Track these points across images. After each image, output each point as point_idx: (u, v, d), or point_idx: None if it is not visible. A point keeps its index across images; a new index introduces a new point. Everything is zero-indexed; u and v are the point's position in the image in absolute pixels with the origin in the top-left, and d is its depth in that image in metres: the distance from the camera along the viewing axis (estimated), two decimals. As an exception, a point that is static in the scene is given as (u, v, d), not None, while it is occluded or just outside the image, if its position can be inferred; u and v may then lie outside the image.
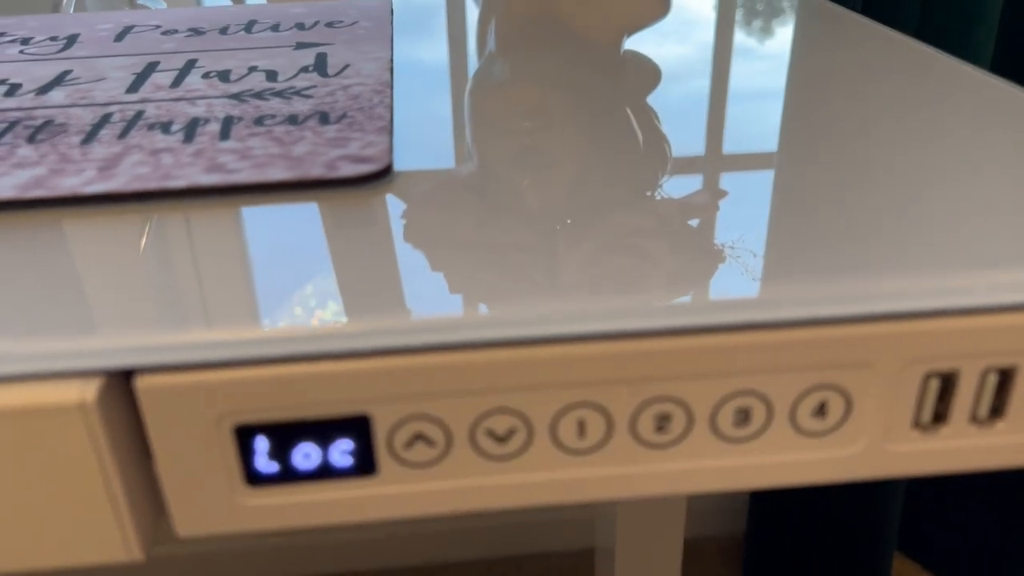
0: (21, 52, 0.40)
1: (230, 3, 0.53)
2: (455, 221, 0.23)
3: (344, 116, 0.31)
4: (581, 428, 0.22)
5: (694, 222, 0.24)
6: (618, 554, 0.83)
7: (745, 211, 0.25)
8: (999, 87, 0.33)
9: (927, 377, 0.22)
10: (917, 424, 0.23)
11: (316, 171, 0.26)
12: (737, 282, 0.21)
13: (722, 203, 0.26)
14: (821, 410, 0.22)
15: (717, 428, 0.22)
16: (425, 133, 0.31)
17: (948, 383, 0.22)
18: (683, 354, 0.21)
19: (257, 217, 0.25)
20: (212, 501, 0.21)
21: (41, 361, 0.19)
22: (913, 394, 0.22)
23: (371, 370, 0.20)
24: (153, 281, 0.22)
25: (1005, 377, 0.22)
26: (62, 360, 0.19)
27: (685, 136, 0.31)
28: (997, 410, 0.23)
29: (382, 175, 0.27)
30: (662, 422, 0.22)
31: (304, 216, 0.25)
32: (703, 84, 0.36)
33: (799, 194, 0.26)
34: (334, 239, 0.24)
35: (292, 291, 0.21)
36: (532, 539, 1.11)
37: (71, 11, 0.54)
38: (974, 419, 0.23)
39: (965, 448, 0.23)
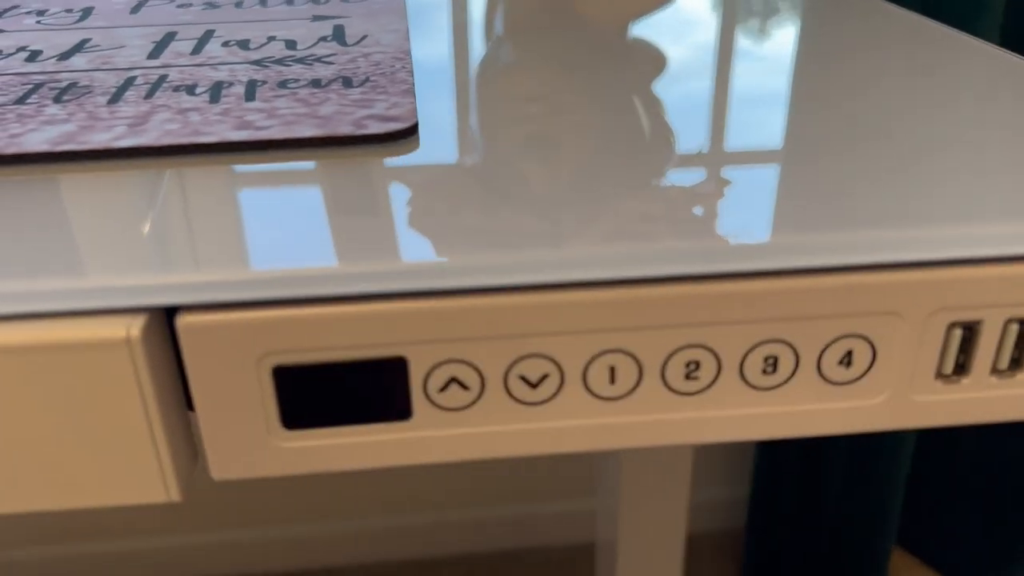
0: (38, 22, 0.40)
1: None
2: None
3: (367, 80, 0.31)
4: (612, 374, 0.22)
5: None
6: (619, 548, 0.83)
7: (764, 172, 0.25)
8: (1010, 59, 0.34)
9: (951, 327, 0.22)
10: (940, 375, 0.23)
11: (344, 128, 0.27)
12: (764, 230, 0.22)
13: (741, 164, 0.26)
14: (847, 359, 0.23)
15: (745, 376, 0.22)
16: (444, 100, 0.32)
17: (971, 334, 0.23)
18: (712, 300, 0.21)
19: (291, 170, 0.25)
20: (249, 443, 0.22)
21: (88, 298, 0.19)
22: (937, 344, 0.23)
23: (409, 312, 0.21)
24: (193, 227, 0.22)
25: (1026, 328, 0.23)
26: (108, 297, 0.19)
27: (693, 115, 0.31)
28: (1017, 361, 0.23)
29: (409, 133, 0.27)
30: (692, 369, 0.22)
31: (336, 170, 0.25)
32: (703, 70, 0.37)
33: (820, 150, 0.26)
34: (368, 191, 0.24)
35: (331, 236, 0.22)
36: (533, 533, 1.11)
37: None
38: (995, 370, 0.23)
39: (986, 399, 0.24)
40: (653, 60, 0.38)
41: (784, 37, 0.40)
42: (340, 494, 1.05)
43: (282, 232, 0.22)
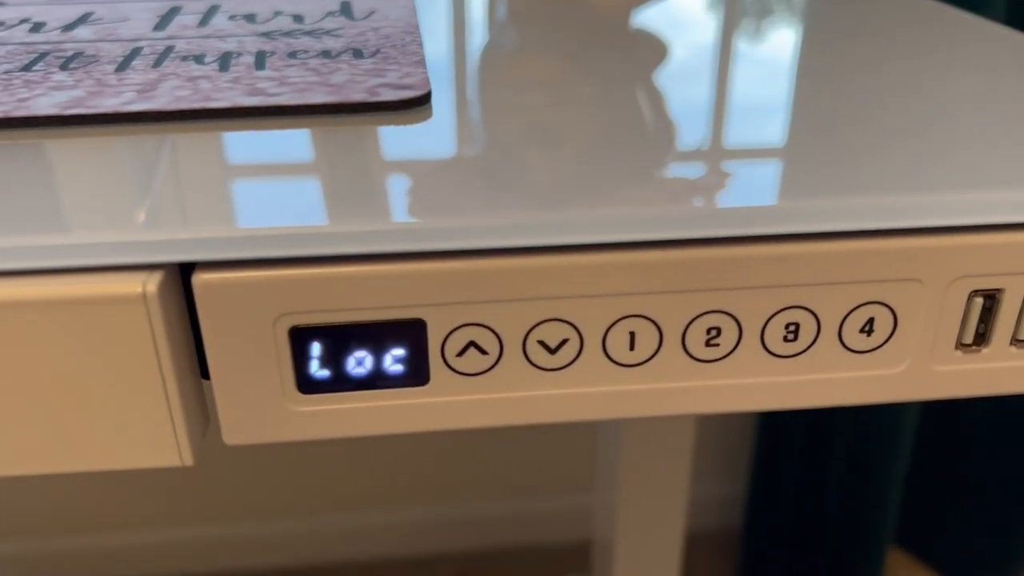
0: (40, -4, 0.40)
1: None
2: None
3: (378, 52, 0.31)
4: (632, 340, 0.22)
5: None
6: (617, 546, 0.82)
7: (782, 142, 0.25)
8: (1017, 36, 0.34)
9: (972, 295, 0.22)
10: (960, 344, 0.23)
11: (358, 95, 0.26)
12: (784, 195, 0.22)
13: (757, 138, 0.26)
14: (868, 327, 0.22)
15: (766, 343, 0.22)
16: (451, 76, 0.31)
17: (992, 303, 0.23)
18: (733, 263, 0.21)
19: (303, 135, 0.25)
20: (263, 407, 0.21)
21: (104, 253, 0.19)
22: (958, 313, 0.22)
23: (428, 273, 0.20)
24: (209, 188, 0.22)
25: (1047, 298, 0.23)
26: (124, 252, 0.19)
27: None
28: (1038, 332, 0.23)
29: (422, 101, 0.27)
30: (712, 336, 0.22)
31: (352, 134, 0.25)
32: (707, 55, 0.37)
33: (836, 121, 0.26)
34: (386, 155, 0.24)
35: (350, 197, 0.21)
36: (528, 530, 1.11)
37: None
38: (1015, 340, 0.23)
39: (1005, 370, 0.23)
40: (655, 46, 0.38)
41: (791, 21, 0.40)
42: (333, 489, 1.05)
43: (298, 193, 0.22)
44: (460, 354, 0.21)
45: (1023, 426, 0.91)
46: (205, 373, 0.21)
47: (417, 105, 0.27)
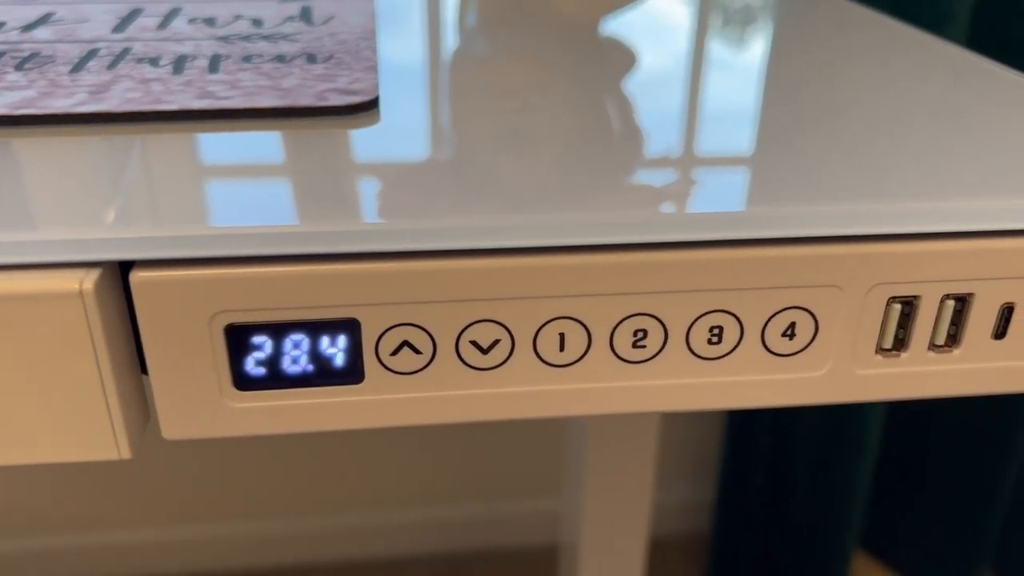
0: (3, -4, 0.40)
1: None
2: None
3: (331, 57, 0.32)
4: (562, 341, 0.23)
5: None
6: (582, 549, 0.83)
7: (719, 156, 0.26)
8: (970, 57, 0.35)
9: (890, 301, 0.23)
10: (880, 349, 0.24)
11: (305, 100, 0.27)
12: (710, 204, 0.22)
13: (702, 154, 0.27)
14: (790, 331, 0.23)
15: (691, 346, 0.23)
16: (408, 83, 0.32)
17: (909, 309, 0.23)
18: (657, 267, 0.22)
19: (249, 138, 0.25)
20: (201, 403, 0.22)
21: (42, 251, 0.20)
22: (877, 318, 0.23)
23: (362, 273, 0.21)
24: (151, 188, 0.22)
25: (962, 305, 0.23)
26: (61, 250, 0.20)
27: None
28: (954, 337, 0.24)
29: (369, 107, 0.27)
30: (639, 337, 0.23)
31: (295, 138, 0.26)
32: (675, 62, 0.37)
33: (774, 131, 0.27)
34: (326, 158, 0.24)
35: (287, 199, 0.22)
36: (494, 533, 1.12)
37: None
38: (933, 346, 0.24)
39: (924, 374, 0.24)
40: (624, 56, 0.38)
41: (756, 29, 0.41)
42: (303, 492, 1.05)
43: (238, 195, 0.22)
44: (394, 353, 0.22)
45: (987, 430, 0.93)
46: (145, 368, 0.22)
47: (364, 110, 0.27)
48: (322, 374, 0.22)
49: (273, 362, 0.22)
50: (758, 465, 0.99)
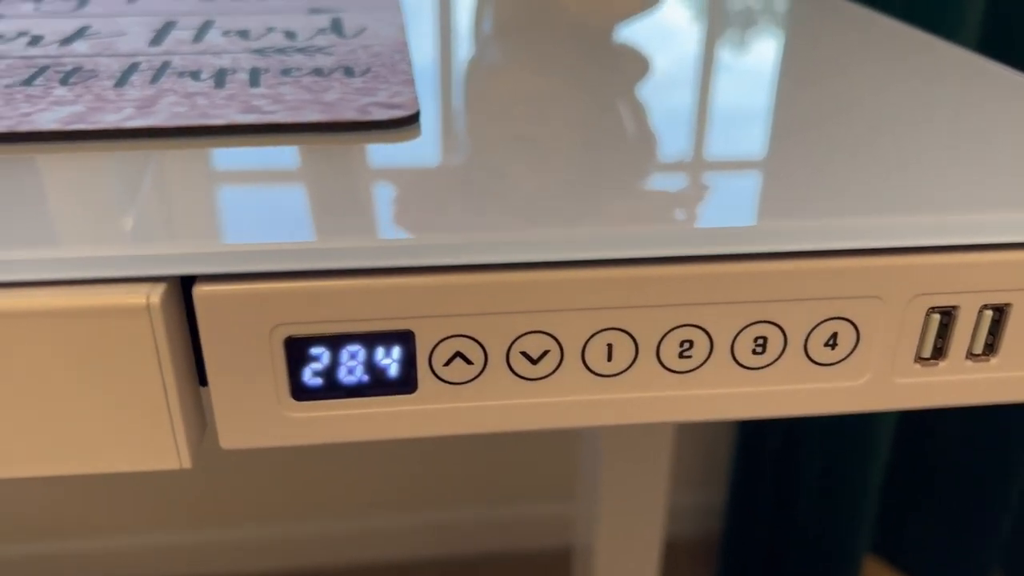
0: (36, 9, 0.41)
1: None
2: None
3: (368, 71, 0.32)
4: (610, 352, 0.23)
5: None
6: (597, 553, 0.84)
7: (750, 164, 0.27)
8: (995, 68, 0.35)
9: (930, 312, 0.24)
10: (919, 358, 0.24)
11: (349, 114, 0.28)
12: (753, 216, 0.23)
13: (728, 158, 0.27)
14: (832, 341, 0.24)
15: (736, 356, 0.23)
16: (439, 93, 0.33)
17: (948, 319, 0.24)
18: (705, 280, 0.22)
19: (298, 152, 0.26)
20: (258, 413, 0.22)
21: (110, 267, 0.20)
22: (917, 328, 0.24)
23: (417, 287, 0.21)
24: (208, 203, 0.23)
25: (1000, 315, 0.24)
26: (130, 266, 0.20)
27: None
28: (991, 346, 0.24)
29: (411, 120, 0.28)
30: (685, 348, 0.23)
31: (343, 152, 0.26)
32: (692, 68, 0.38)
33: (803, 141, 0.27)
34: (376, 173, 0.25)
35: (342, 213, 0.22)
36: (507, 536, 1.12)
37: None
38: (970, 354, 0.24)
39: (961, 383, 0.25)
40: (638, 62, 0.39)
41: (768, 47, 0.41)
42: (312, 495, 1.05)
43: (294, 209, 0.23)
44: (447, 364, 0.23)
45: (996, 435, 0.93)
46: (203, 379, 0.22)
47: (406, 124, 0.28)
48: (377, 384, 0.23)
49: (330, 372, 0.22)
50: (768, 468, 0.99)
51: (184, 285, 0.21)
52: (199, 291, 0.21)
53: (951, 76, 0.35)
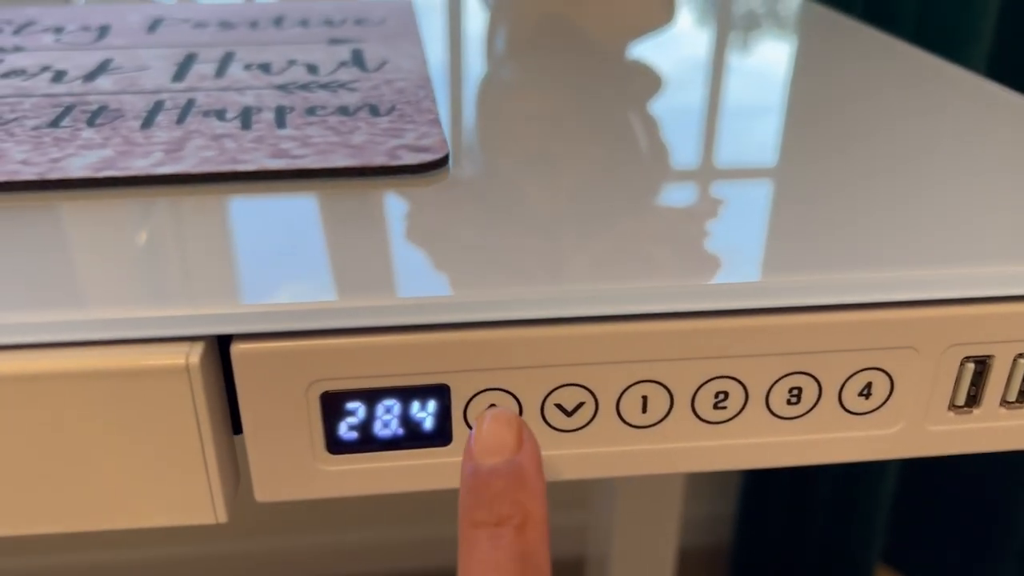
0: (57, 41, 0.41)
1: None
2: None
3: (393, 109, 0.32)
4: (644, 403, 0.23)
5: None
6: (612, 563, 0.84)
7: (783, 214, 0.26)
8: (1006, 95, 0.35)
9: (964, 361, 0.24)
10: (953, 406, 0.24)
11: (379, 159, 0.28)
12: (790, 269, 0.23)
13: (756, 201, 0.27)
14: (867, 391, 0.24)
15: (771, 406, 0.23)
16: (465, 127, 0.33)
17: (982, 368, 0.24)
18: (741, 333, 0.22)
19: (329, 201, 0.26)
20: (294, 466, 0.22)
21: (148, 327, 0.20)
22: (951, 377, 0.24)
23: (453, 342, 0.21)
24: (242, 256, 0.23)
25: (1034, 363, 0.24)
26: (169, 326, 0.20)
27: (687, 141, 0.32)
28: (1025, 394, 0.24)
29: (441, 164, 0.28)
30: (720, 399, 0.23)
31: (374, 200, 0.26)
32: (701, 91, 0.38)
33: (836, 194, 0.27)
34: (405, 222, 0.25)
35: (376, 267, 0.22)
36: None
37: (82, 1, 0.55)
38: (1004, 402, 0.24)
39: (996, 429, 0.25)
40: (651, 80, 0.39)
41: (787, 73, 0.41)
42: (324, 506, 1.05)
43: (329, 262, 0.23)
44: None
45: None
46: (236, 427, 0.22)
47: (436, 168, 0.28)
48: (412, 437, 0.23)
49: (365, 426, 0.22)
50: (780, 479, 0.99)
51: (221, 340, 0.21)
52: (237, 349, 0.21)
53: (977, 113, 0.35)
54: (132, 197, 0.26)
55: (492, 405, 0.23)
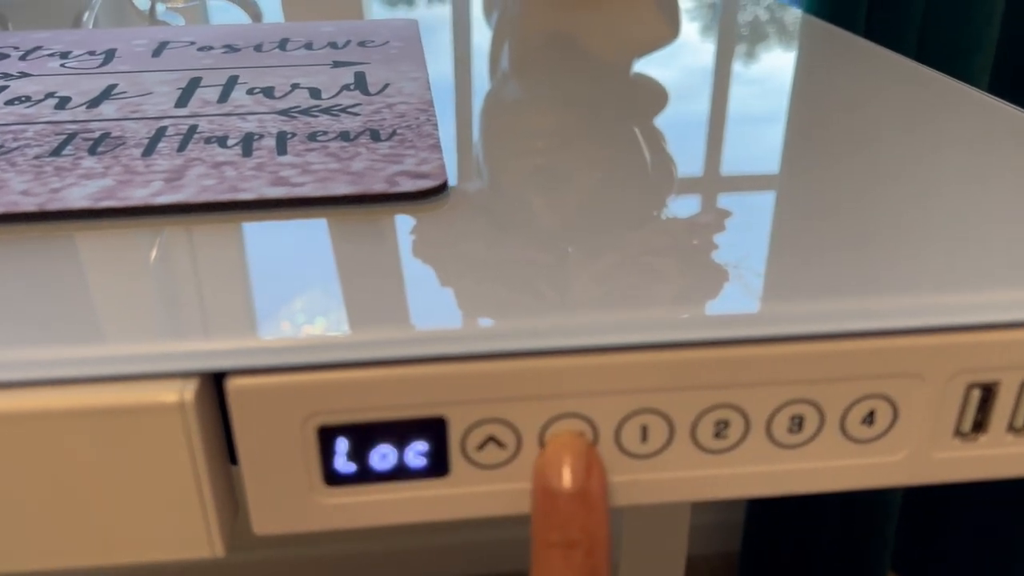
0: (62, 66, 0.41)
1: (246, 21, 0.54)
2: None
3: (394, 134, 0.32)
4: (644, 433, 0.23)
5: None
6: (620, 571, 0.83)
7: (785, 239, 0.26)
8: (1009, 110, 0.35)
9: (970, 388, 0.23)
10: (958, 432, 0.24)
11: (378, 186, 0.28)
12: (791, 296, 0.23)
13: (763, 222, 0.27)
14: (870, 418, 0.23)
15: (772, 435, 0.23)
16: (462, 145, 0.33)
17: (988, 394, 0.23)
18: (741, 363, 0.22)
19: (327, 231, 0.26)
20: (291, 500, 0.22)
21: (142, 363, 0.20)
22: (956, 404, 0.23)
23: (449, 374, 0.21)
24: (237, 289, 0.23)
25: (1041, 389, 0.24)
26: (163, 362, 0.20)
27: (692, 156, 0.32)
28: (1033, 420, 0.24)
29: (440, 190, 0.28)
30: (721, 428, 0.23)
31: (372, 230, 0.26)
32: (705, 106, 0.38)
33: (838, 219, 0.27)
34: (404, 252, 0.25)
35: (373, 298, 0.22)
36: (524, 556, 1.11)
37: (90, 26, 0.55)
38: (1011, 428, 0.24)
39: (1002, 456, 0.24)
40: (656, 95, 0.39)
41: (789, 92, 0.41)
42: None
43: (324, 297, 0.23)
44: (480, 448, 0.22)
45: None
46: (232, 459, 0.22)
47: (434, 195, 0.28)
48: (409, 469, 0.22)
49: (362, 459, 0.22)
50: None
51: (216, 375, 0.21)
52: (232, 384, 0.21)
53: (975, 131, 0.34)
54: (130, 228, 0.26)
55: (491, 438, 0.22)
